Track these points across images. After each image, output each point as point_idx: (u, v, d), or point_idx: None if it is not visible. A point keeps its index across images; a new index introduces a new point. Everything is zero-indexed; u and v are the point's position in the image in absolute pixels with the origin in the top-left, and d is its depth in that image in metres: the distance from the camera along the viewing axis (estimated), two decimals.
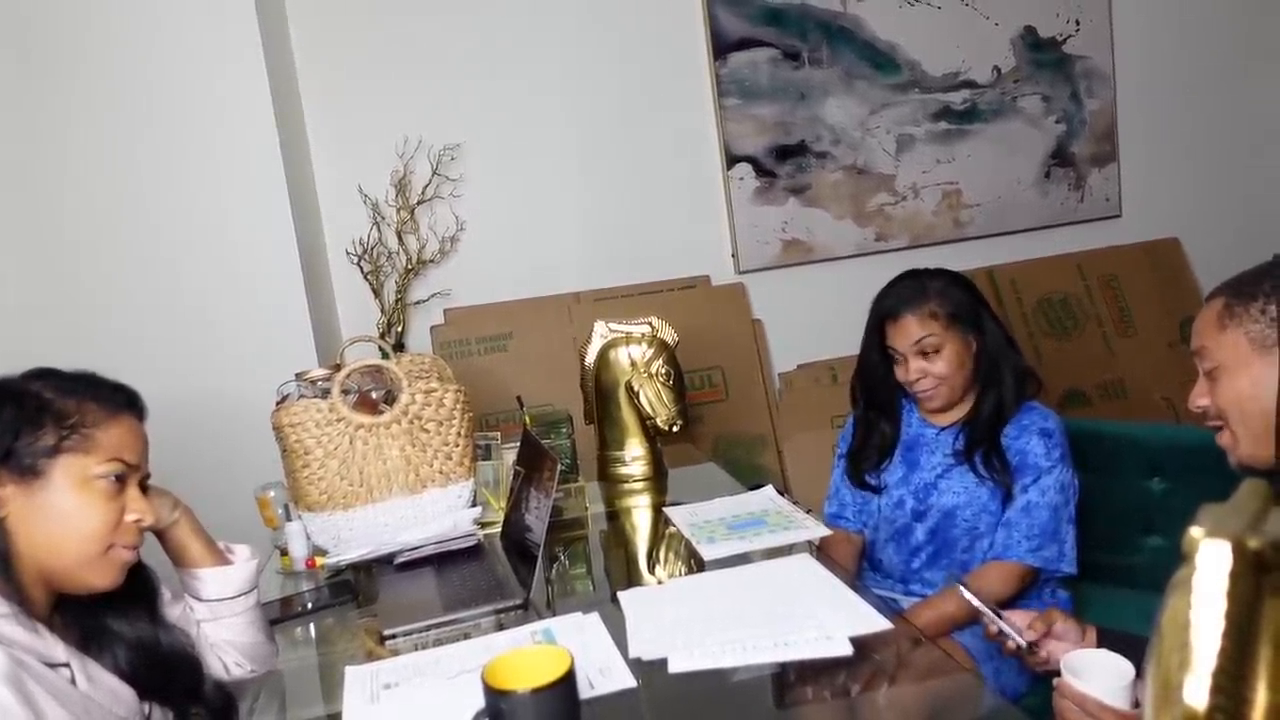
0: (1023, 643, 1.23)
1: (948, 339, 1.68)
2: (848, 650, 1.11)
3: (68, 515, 1.00)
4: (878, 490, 1.78)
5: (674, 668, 1.11)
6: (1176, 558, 0.43)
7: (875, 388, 1.78)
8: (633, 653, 1.15)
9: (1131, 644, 1.19)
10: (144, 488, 1.10)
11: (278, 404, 1.71)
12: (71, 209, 2.27)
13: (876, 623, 1.16)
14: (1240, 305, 1.10)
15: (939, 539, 1.70)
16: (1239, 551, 0.40)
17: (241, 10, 2.27)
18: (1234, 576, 0.40)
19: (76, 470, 1.01)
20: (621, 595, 1.34)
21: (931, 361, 1.68)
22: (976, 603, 1.28)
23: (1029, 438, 1.66)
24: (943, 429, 1.75)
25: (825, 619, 1.18)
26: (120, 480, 1.04)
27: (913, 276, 1.76)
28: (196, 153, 2.29)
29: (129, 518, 1.05)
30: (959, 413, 1.74)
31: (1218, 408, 1.13)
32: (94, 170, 2.26)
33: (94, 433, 1.03)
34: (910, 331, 1.69)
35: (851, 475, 1.82)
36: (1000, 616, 1.26)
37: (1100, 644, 1.24)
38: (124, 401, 1.08)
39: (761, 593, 1.30)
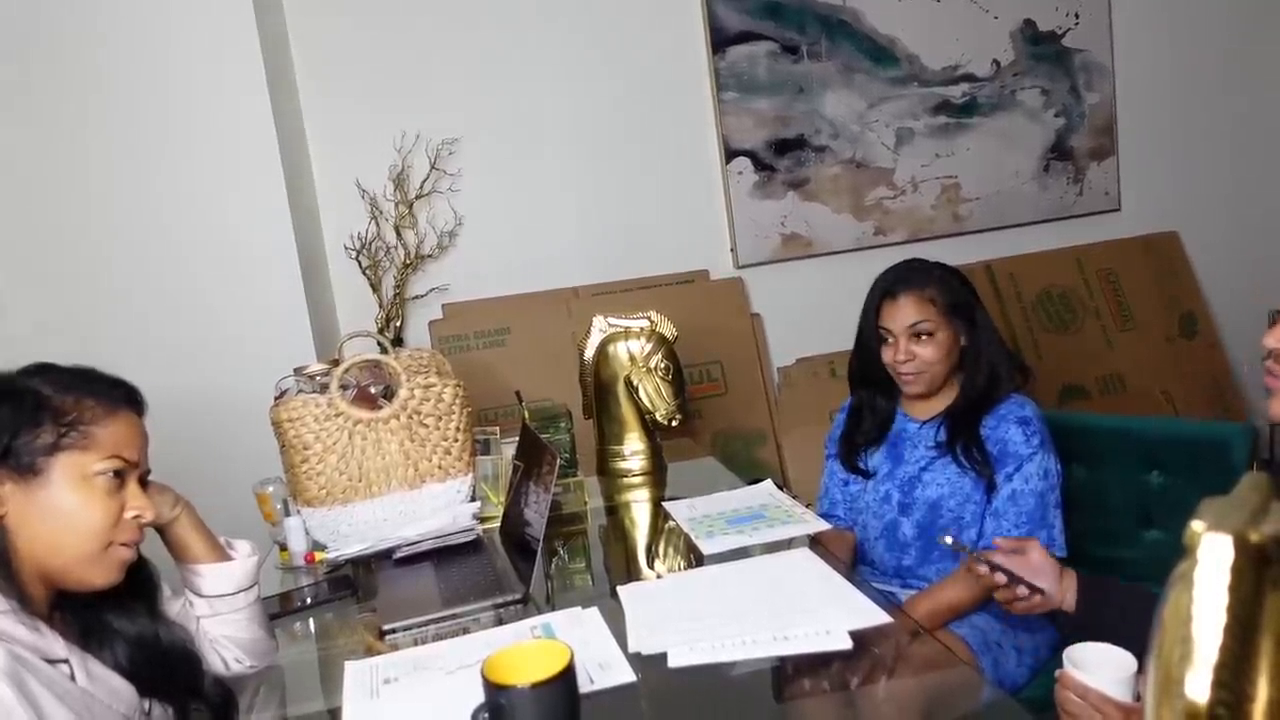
0: (1042, 587, 1.28)
1: (941, 326, 1.70)
2: (847, 645, 1.11)
3: (67, 513, 1.00)
4: (868, 475, 1.79)
5: (673, 662, 1.11)
6: (1176, 551, 0.43)
7: (871, 366, 1.79)
8: (632, 647, 1.15)
9: (1113, 591, 1.23)
10: (144, 484, 1.10)
11: (276, 399, 1.71)
12: (69, 205, 2.26)
13: (875, 616, 1.16)
14: None
15: (926, 533, 1.71)
16: (1240, 545, 0.40)
17: (238, 6, 2.26)
18: (1236, 570, 0.40)
19: (76, 468, 1.01)
20: (621, 590, 1.33)
21: (922, 345, 1.70)
22: (998, 561, 1.31)
23: (1007, 427, 1.68)
24: (924, 422, 1.77)
25: (824, 614, 1.18)
26: (120, 477, 1.04)
27: (915, 262, 1.78)
28: (194, 149, 2.28)
29: (129, 514, 1.05)
30: (940, 405, 1.75)
31: None
32: (91, 166, 2.25)
33: (93, 430, 1.02)
34: (906, 313, 1.70)
35: (844, 458, 1.83)
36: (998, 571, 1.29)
37: (1081, 589, 1.29)
38: (123, 397, 1.08)
39: (760, 587, 1.30)
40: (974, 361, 1.73)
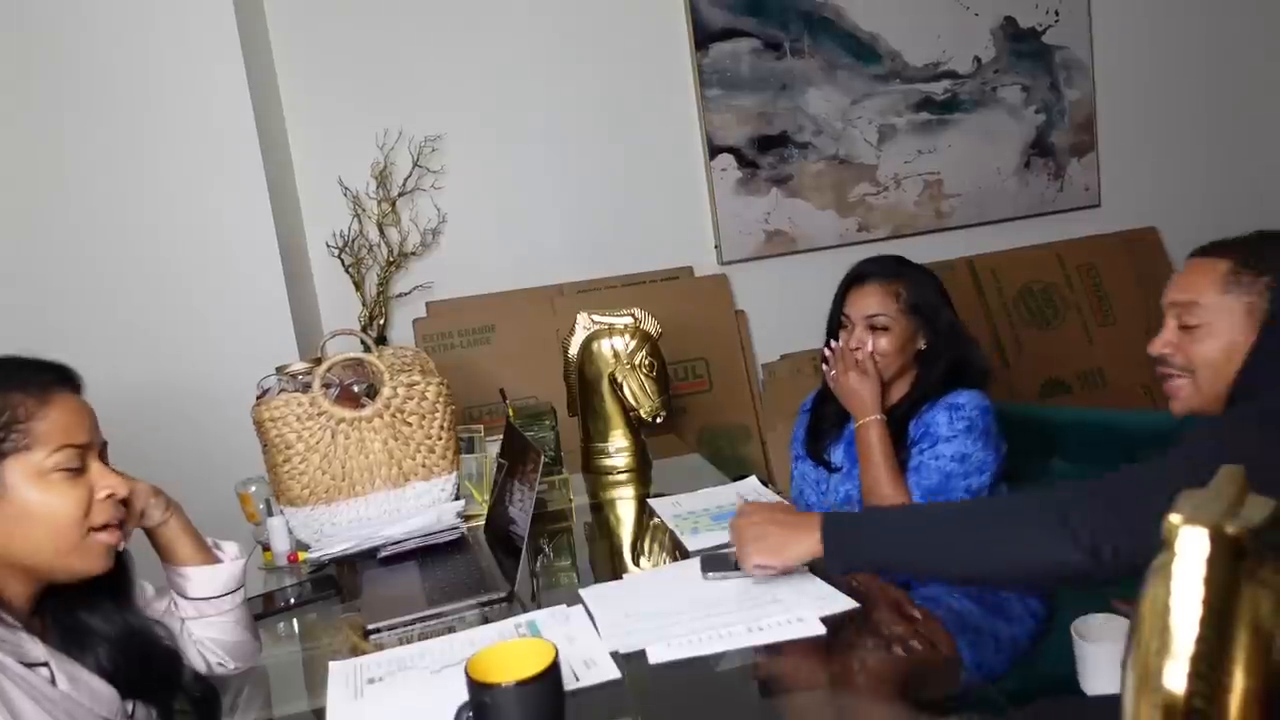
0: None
1: (898, 322, 1.71)
2: (820, 630, 1.12)
3: (35, 513, 0.97)
4: (832, 469, 1.80)
5: (653, 659, 1.11)
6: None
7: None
8: (607, 646, 1.15)
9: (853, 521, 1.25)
10: (103, 458, 1.05)
11: (258, 398, 1.70)
12: (50, 203, 2.24)
13: (842, 603, 1.18)
14: (1249, 275, 1.14)
15: None
16: (1217, 538, 0.40)
17: (219, 3, 2.24)
18: (1212, 563, 0.40)
19: (28, 469, 0.97)
20: (583, 592, 1.32)
21: (876, 337, 1.71)
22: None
23: (936, 412, 1.68)
24: None
25: (793, 602, 1.19)
26: (79, 462, 1.00)
27: (893, 256, 1.80)
28: (175, 146, 2.27)
29: (100, 495, 1.01)
30: (890, 400, 1.76)
31: (1188, 359, 1.20)
32: (72, 164, 2.23)
33: (32, 425, 0.97)
34: (869, 302, 1.72)
35: (811, 451, 1.84)
36: None
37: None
38: (54, 380, 1.02)
39: (726, 582, 1.30)
40: (930, 365, 1.73)
